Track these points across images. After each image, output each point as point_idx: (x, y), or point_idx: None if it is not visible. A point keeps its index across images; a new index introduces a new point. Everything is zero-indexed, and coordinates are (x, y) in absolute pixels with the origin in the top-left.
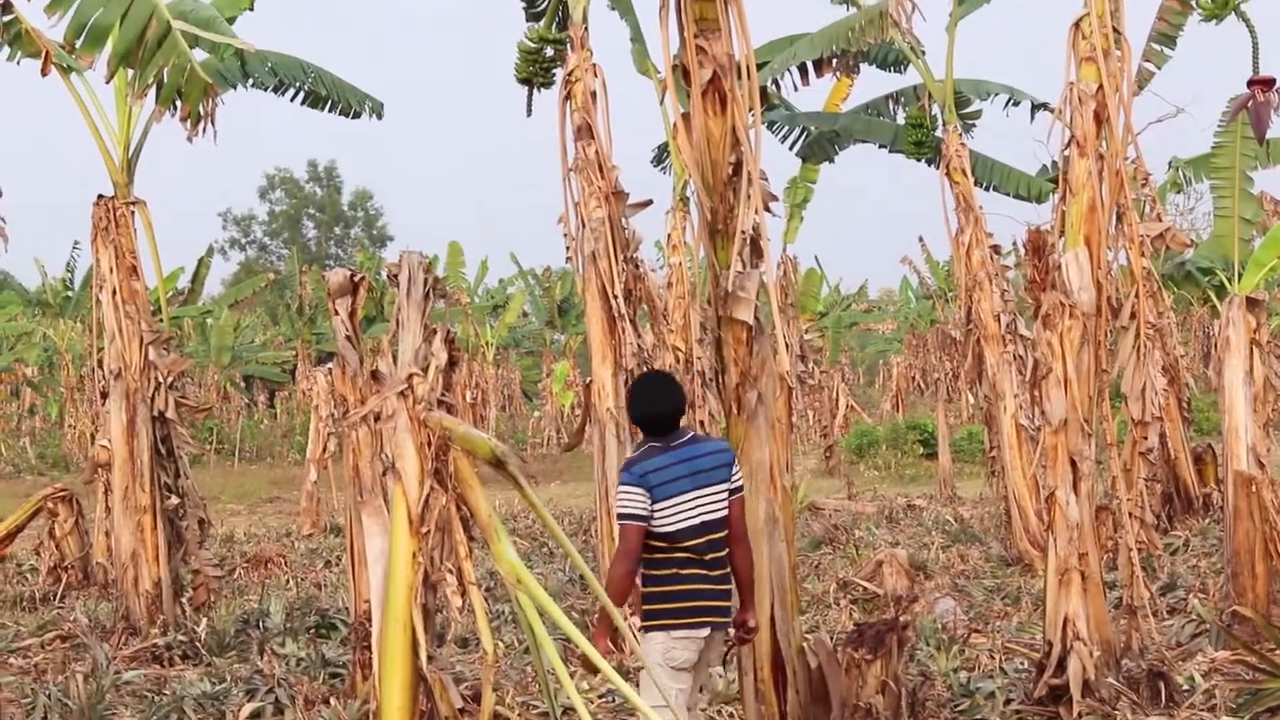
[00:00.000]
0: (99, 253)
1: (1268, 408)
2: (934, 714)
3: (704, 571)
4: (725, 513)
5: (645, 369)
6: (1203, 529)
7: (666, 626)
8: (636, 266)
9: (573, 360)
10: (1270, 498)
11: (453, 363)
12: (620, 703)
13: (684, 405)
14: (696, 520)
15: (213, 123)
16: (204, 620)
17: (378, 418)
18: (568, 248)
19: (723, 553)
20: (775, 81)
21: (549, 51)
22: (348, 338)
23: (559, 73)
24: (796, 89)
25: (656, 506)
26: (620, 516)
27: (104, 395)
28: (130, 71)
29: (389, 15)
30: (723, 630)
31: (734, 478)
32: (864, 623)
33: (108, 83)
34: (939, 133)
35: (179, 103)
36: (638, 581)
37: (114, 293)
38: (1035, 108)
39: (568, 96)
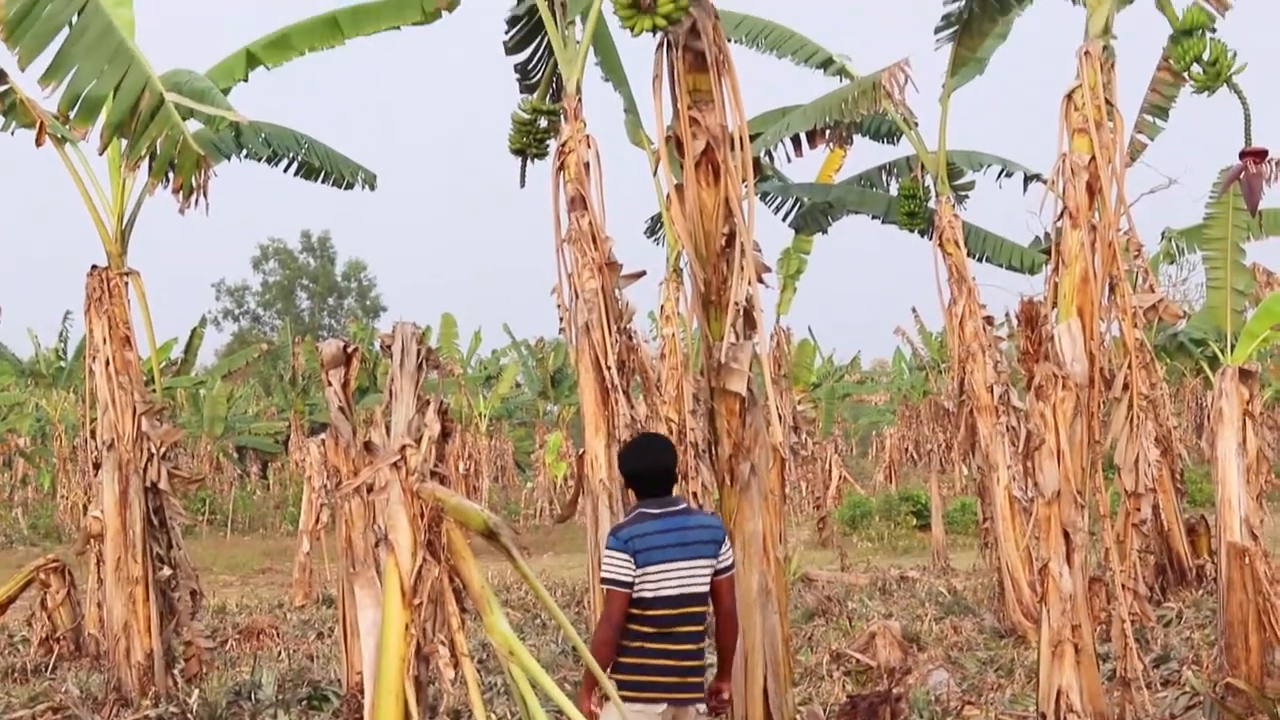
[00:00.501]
0: (92, 323)
1: (1261, 479)
2: None
3: (670, 646)
4: (705, 588)
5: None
6: (1196, 601)
7: (625, 697)
8: (630, 338)
9: (566, 431)
10: (1264, 569)
11: (446, 434)
12: None
13: (676, 464)
14: (675, 591)
15: (205, 194)
16: (196, 692)
17: (371, 489)
18: (561, 319)
19: (697, 627)
20: (769, 153)
21: (543, 123)
22: (341, 409)
23: (552, 144)
24: (790, 160)
25: (639, 572)
26: (604, 580)
27: (96, 466)
28: (124, 142)
29: (383, 87)
30: (693, 705)
31: (723, 555)
32: (857, 695)
33: (101, 154)
34: (932, 204)
35: (172, 174)
36: None
37: (107, 363)
38: (1028, 179)
39: (561, 168)
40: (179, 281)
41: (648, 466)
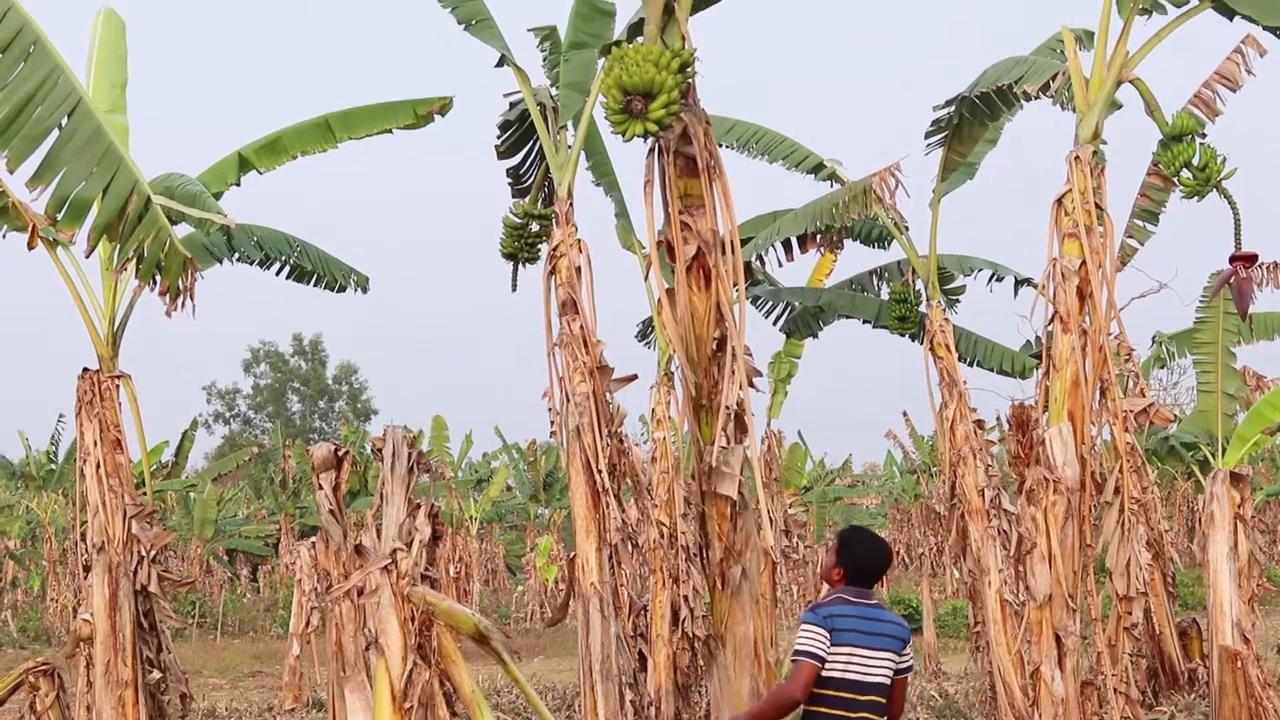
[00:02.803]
0: (83, 426)
1: (1252, 583)
2: None
3: None
4: (887, 681)
5: (629, 543)
6: (1188, 704)
7: None
8: (621, 441)
9: (557, 535)
10: (1255, 673)
11: (436, 537)
12: None
13: (891, 564)
14: (859, 676)
15: (192, 297)
16: None
17: (361, 592)
18: (553, 422)
19: (878, 717)
20: (759, 257)
21: (534, 227)
22: (331, 512)
23: (544, 248)
24: (781, 264)
25: (832, 650)
26: (797, 653)
27: (86, 569)
28: (113, 245)
29: (376, 193)
30: None
31: (904, 654)
32: None
33: (88, 256)
34: (923, 308)
35: (159, 277)
36: None
37: (98, 466)
38: (1019, 283)
39: (552, 271)
40: (170, 384)
41: (873, 562)
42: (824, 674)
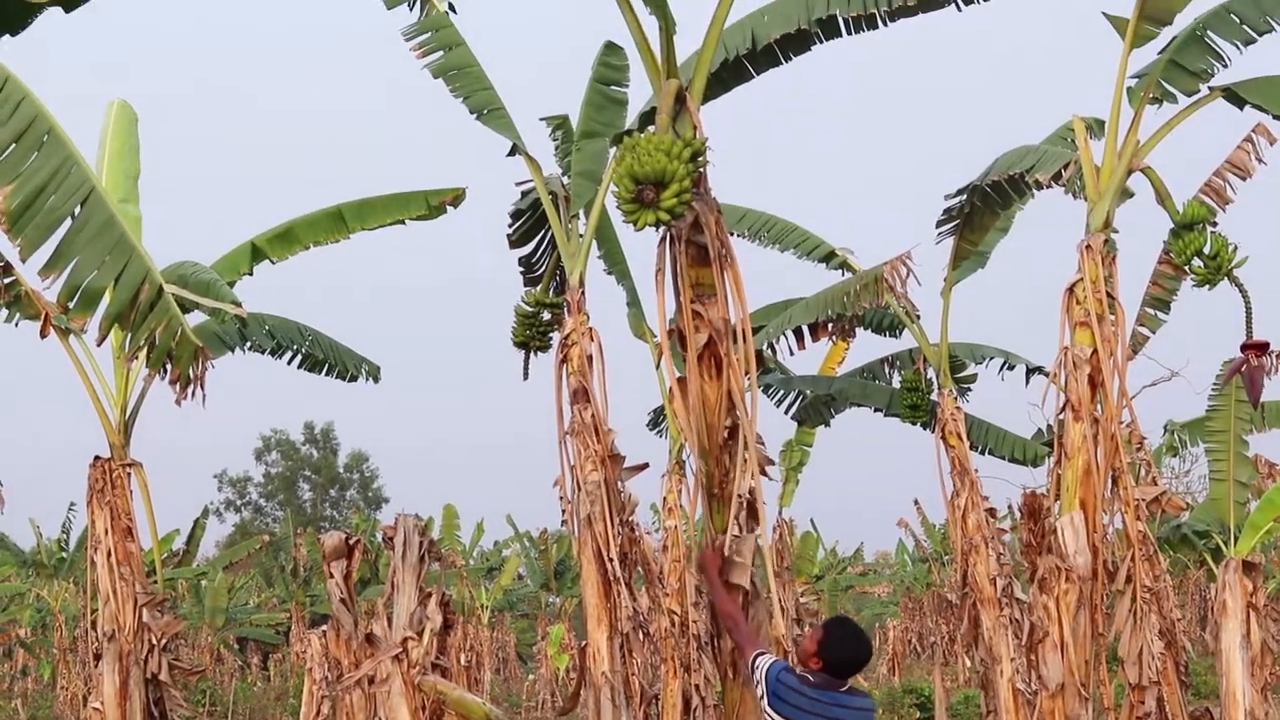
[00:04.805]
0: (94, 514)
1: (1265, 671)
2: None
3: None
4: None
5: (641, 632)
6: None
7: None
8: (632, 530)
9: (568, 623)
10: None
11: (448, 626)
12: None
13: (870, 660)
14: None
15: (202, 386)
16: None
17: (372, 681)
18: (564, 510)
19: None
20: (771, 345)
21: (545, 315)
22: (342, 600)
23: (555, 336)
24: (792, 353)
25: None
26: (759, 654)
27: (97, 657)
28: (127, 334)
29: (386, 282)
30: None
31: None
32: None
33: (99, 345)
34: (934, 396)
35: (169, 365)
36: None
37: (109, 554)
38: (1030, 371)
39: (564, 360)
40: (182, 472)
41: (853, 661)
42: None
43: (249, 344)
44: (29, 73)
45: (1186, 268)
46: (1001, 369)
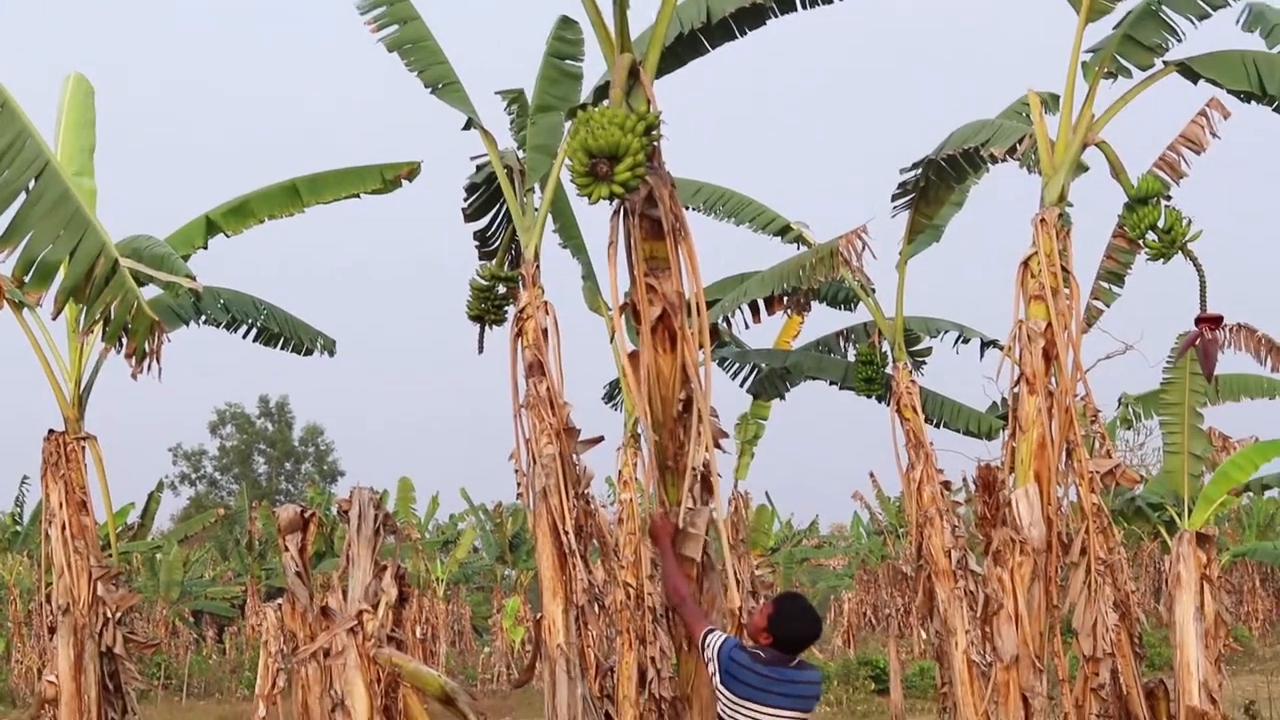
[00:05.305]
0: (49, 488)
1: (1219, 643)
2: None
3: None
4: None
5: (596, 605)
6: None
7: None
8: (587, 503)
9: (523, 596)
10: None
11: (403, 598)
12: None
13: (820, 636)
14: None
15: (158, 360)
16: None
17: (327, 654)
18: (519, 484)
19: None
20: (726, 319)
21: (501, 289)
22: (298, 573)
23: (510, 310)
24: (747, 326)
25: (742, 704)
26: (709, 631)
27: (51, 630)
28: (80, 308)
29: (342, 257)
30: None
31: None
32: None
33: (54, 319)
34: (889, 370)
35: (125, 339)
36: None
37: (63, 528)
38: (985, 345)
39: (519, 333)
40: (136, 446)
41: (802, 637)
42: None
43: (204, 318)
44: None
45: (1141, 242)
46: (956, 342)
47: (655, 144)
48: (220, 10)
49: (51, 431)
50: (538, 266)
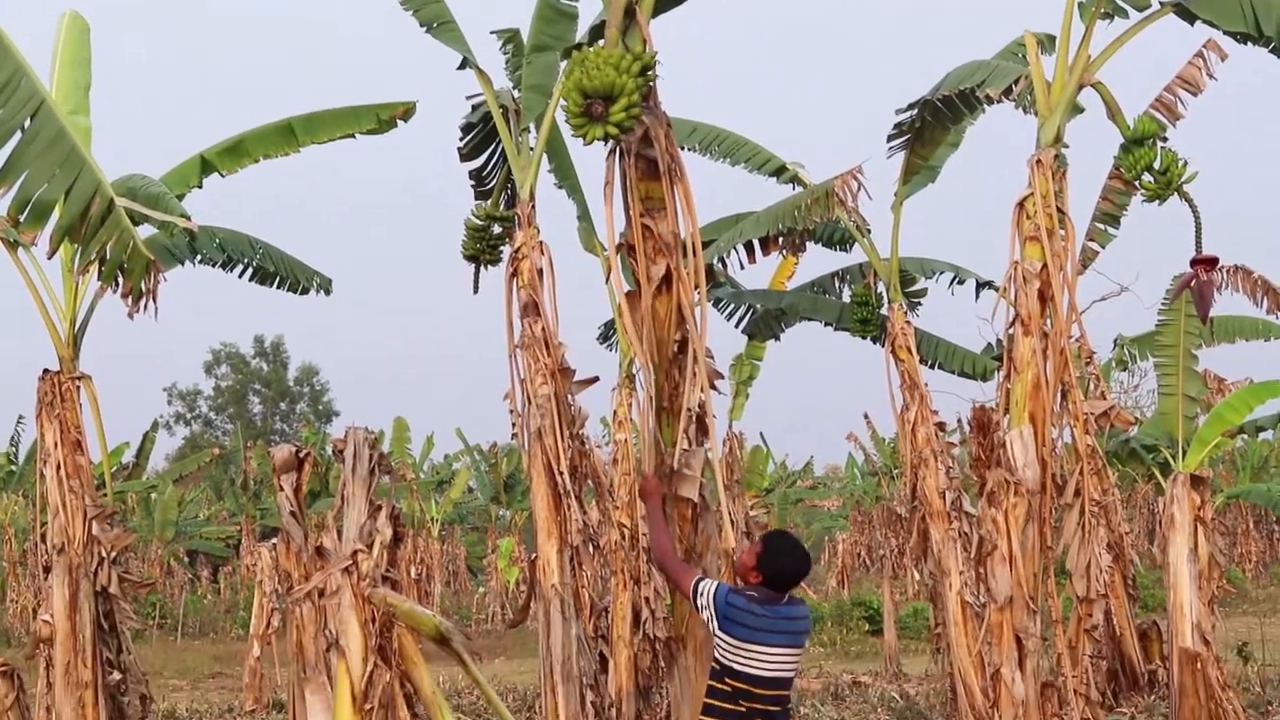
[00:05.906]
0: (44, 427)
1: (1212, 584)
2: None
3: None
4: (790, 675)
5: (591, 545)
6: (1149, 706)
7: None
8: (582, 443)
9: (518, 536)
10: (1215, 674)
11: (397, 538)
12: None
13: (810, 572)
14: (774, 674)
15: (155, 299)
16: None
17: (322, 594)
18: (514, 424)
19: (779, 708)
20: (721, 259)
21: (496, 229)
22: (292, 513)
23: (506, 250)
24: (743, 266)
25: (743, 646)
26: (698, 580)
27: (46, 570)
28: (76, 247)
29: (338, 195)
30: None
31: (804, 645)
32: None
33: (50, 258)
34: (884, 311)
35: (121, 279)
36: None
37: (58, 467)
38: (980, 286)
39: (514, 273)
40: (131, 385)
41: (792, 573)
42: (728, 666)
43: (199, 257)
44: None
45: (1137, 183)
46: (952, 283)
47: (651, 84)
48: None
49: (46, 371)
50: (533, 206)
